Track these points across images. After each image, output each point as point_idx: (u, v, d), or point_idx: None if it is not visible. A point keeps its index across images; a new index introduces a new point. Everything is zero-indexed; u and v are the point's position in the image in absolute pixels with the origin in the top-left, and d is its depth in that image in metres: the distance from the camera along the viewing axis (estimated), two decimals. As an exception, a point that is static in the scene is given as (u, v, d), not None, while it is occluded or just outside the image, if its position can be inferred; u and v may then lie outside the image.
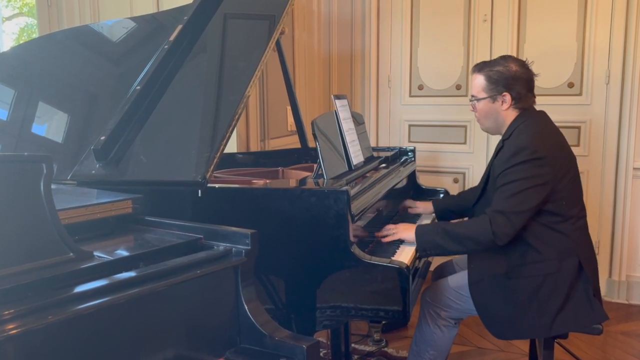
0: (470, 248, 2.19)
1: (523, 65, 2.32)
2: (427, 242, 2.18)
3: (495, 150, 2.36)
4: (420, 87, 4.26)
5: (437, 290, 2.35)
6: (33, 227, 1.25)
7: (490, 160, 2.43)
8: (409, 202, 2.84)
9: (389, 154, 3.00)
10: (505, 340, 2.35)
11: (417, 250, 2.18)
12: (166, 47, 2.24)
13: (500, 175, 2.19)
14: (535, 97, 2.35)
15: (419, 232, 2.21)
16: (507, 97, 2.28)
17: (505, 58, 2.34)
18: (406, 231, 2.25)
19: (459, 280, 2.34)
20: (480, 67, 2.37)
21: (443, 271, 2.63)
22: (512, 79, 2.27)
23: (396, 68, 4.32)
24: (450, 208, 2.75)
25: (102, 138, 2.04)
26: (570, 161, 2.27)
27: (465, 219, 2.39)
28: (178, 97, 2.17)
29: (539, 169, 2.14)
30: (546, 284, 2.16)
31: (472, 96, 2.39)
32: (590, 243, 2.33)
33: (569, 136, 2.58)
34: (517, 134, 2.24)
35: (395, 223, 2.58)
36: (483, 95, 2.34)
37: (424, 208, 2.80)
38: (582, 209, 2.31)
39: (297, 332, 1.51)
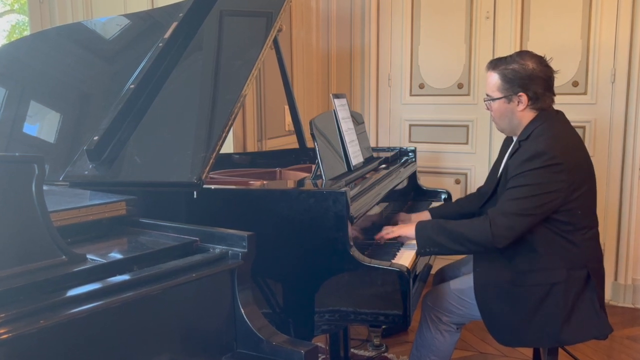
0: (470, 248, 2.17)
1: (541, 62, 2.22)
2: (427, 239, 2.16)
3: (510, 151, 2.29)
4: (421, 86, 4.27)
5: (439, 295, 2.35)
6: (24, 229, 1.26)
7: (498, 159, 2.42)
8: (402, 216, 2.68)
9: (389, 154, 3.00)
10: (510, 347, 2.33)
11: (417, 248, 2.18)
12: (161, 45, 2.25)
13: (513, 178, 2.15)
14: (554, 95, 2.27)
15: (419, 227, 2.19)
16: (524, 97, 2.20)
17: (521, 55, 2.25)
18: (405, 228, 2.25)
19: (461, 285, 2.33)
20: (494, 65, 2.28)
21: (444, 275, 2.63)
22: (529, 78, 2.19)
23: (396, 66, 4.33)
24: (449, 217, 2.58)
25: (95, 138, 2.04)
26: (588, 168, 2.23)
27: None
28: (173, 96, 2.17)
29: (555, 175, 2.09)
30: (553, 293, 2.14)
31: (487, 95, 2.32)
32: (601, 254, 2.30)
33: (574, 136, 2.57)
34: (535, 136, 2.19)
35: (395, 224, 2.58)
36: (498, 95, 2.26)
37: (417, 219, 2.60)
38: (595, 218, 2.27)
39: (295, 337, 1.51)
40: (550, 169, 2.09)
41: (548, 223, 2.15)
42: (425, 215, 2.68)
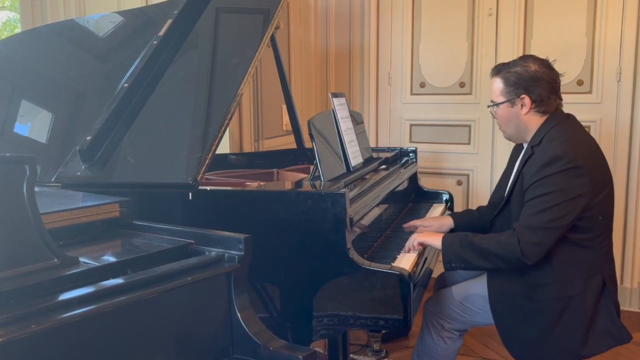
0: (498, 265, 2.13)
1: (544, 64, 2.22)
2: (454, 255, 2.14)
3: (522, 158, 2.26)
4: (422, 85, 4.27)
5: (441, 301, 2.35)
6: (15, 231, 1.26)
7: (508, 168, 2.40)
8: (418, 223, 2.53)
9: (389, 154, 3.00)
10: None
11: (443, 262, 2.17)
12: (155, 42, 2.25)
13: (531, 187, 2.11)
14: (561, 99, 2.26)
15: (446, 241, 2.17)
16: (527, 99, 2.19)
17: (524, 58, 2.26)
18: (432, 236, 2.22)
19: (463, 291, 2.33)
20: (498, 70, 2.28)
21: (445, 280, 2.62)
22: (532, 80, 2.18)
23: (397, 65, 4.33)
24: (474, 224, 2.52)
25: (88, 138, 2.04)
26: (606, 171, 2.21)
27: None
28: (168, 96, 2.17)
29: (576, 179, 2.06)
30: (571, 306, 2.12)
31: (491, 101, 2.30)
32: (613, 260, 2.28)
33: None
34: (548, 140, 2.16)
35: (395, 226, 2.58)
36: (501, 99, 2.25)
37: (439, 225, 2.53)
38: (612, 224, 2.26)
39: (292, 342, 1.52)
40: (570, 172, 2.06)
41: (567, 232, 2.11)
42: (447, 220, 2.58)
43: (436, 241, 2.19)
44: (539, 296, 2.14)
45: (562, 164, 2.06)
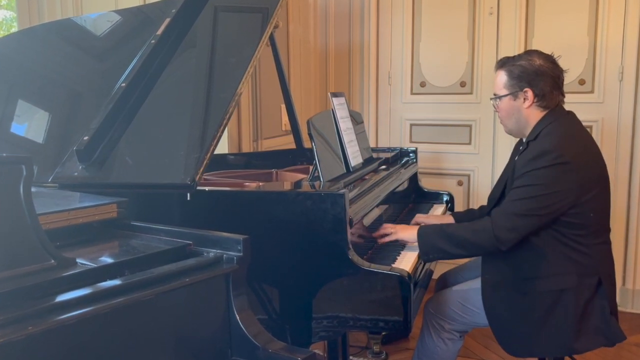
0: (473, 252, 2.20)
1: (549, 60, 2.25)
2: (430, 246, 2.18)
3: (518, 152, 2.30)
4: (423, 84, 4.27)
5: (441, 302, 2.35)
6: (12, 232, 1.26)
7: (508, 164, 2.41)
8: (421, 219, 2.62)
9: (389, 155, 3.00)
10: (518, 357, 2.33)
11: (420, 254, 2.19)
12: (153, 41, 2.25)
13: (518, 178, 2.16)
14: (564, 96, 2.29)
15: (422, 233, 2.20)
16: (529, 93, 2.22)
17: (529, 52, 2.29)
18: (406, 231, 2.26)
19: (464, 291, 2.33)
20: (502, 63, 2.31)
21: (446, 281, 2.63)
22: (535, 74, 2.21)
23: (397, 64, 4.33)
24: None
25: (86, 138, 2.04)
26: (600, 169, 2.22)
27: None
28: (166, 95, 2.17)
29: (561, 175, 2.09)
30: (563, 300, 2.14)
31: (494, 94, 2.33)
32: (612, 260, 2.29)
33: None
34: (543, 135, 2.19)
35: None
36: (504, 92, 2.27)
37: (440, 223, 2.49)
38: (608, 223, 2.27)
39: (292, 344, 1.52)
40: (557, 168, 2.09)
41: (558, 227, 2.14)
42: (448, 220, 2.62)
43: (411, 235, 2.23)
44: (532, 289, 2.16)
45: (550, 159, 2.09)
